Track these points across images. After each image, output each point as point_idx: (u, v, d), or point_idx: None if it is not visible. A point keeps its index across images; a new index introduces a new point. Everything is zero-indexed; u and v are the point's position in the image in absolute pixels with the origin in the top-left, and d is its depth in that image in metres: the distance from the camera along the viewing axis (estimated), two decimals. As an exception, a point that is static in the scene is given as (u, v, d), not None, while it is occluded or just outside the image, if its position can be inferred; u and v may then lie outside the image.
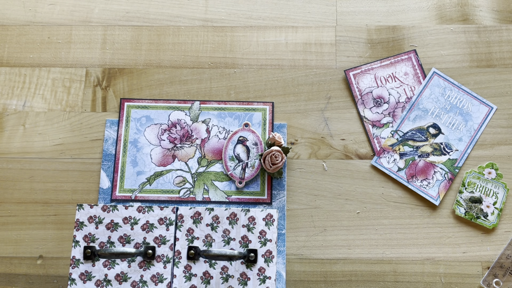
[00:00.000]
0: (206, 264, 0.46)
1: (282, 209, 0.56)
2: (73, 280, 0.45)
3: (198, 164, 0.57)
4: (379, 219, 0.56)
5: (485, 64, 0.61)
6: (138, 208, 0.46)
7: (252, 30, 0.63)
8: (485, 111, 0.60)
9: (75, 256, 0.46)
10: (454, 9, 0.64)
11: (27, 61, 0.63)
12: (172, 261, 0.46)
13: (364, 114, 0.60)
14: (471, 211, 0.56)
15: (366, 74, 0.61)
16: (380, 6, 0.64)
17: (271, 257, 0.45)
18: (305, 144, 0.59)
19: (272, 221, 0.46)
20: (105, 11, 0.64)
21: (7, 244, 0.56)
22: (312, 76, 0.61)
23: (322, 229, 0.56)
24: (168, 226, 0.46)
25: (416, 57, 0.62)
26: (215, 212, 0.46)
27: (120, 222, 0.46)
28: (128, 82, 0.61)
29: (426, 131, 0.59)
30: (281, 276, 0.53)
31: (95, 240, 0.46)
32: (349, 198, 0.57)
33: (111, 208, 0.46)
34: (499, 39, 0.62)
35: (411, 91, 0.60)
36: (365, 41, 0.63)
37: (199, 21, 0.64)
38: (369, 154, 0.59)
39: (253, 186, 0.57)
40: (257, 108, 0.60)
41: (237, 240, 0.46)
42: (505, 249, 0.55)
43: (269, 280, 0.45)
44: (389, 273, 0.55)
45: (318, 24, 0.63)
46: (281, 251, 0.54)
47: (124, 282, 0.45)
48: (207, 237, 0.46)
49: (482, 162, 0.58)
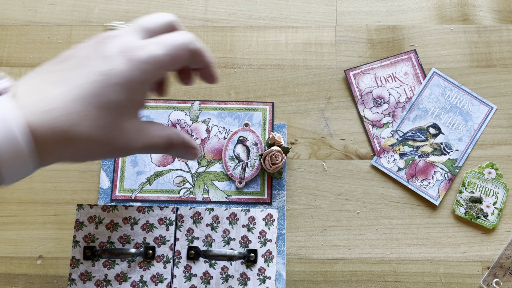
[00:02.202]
0: (206, 264, 0.46)
1: (282, 209, 0.56)
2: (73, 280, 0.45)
3: (198, 164, 0.57)
4: (379, 219, 0.56)
5: (485, 64, 0.61)
6: (138, 208, 0.46)
7: (252, 30, 0.63)
8: (485, 111, 0.60)
9: (75, 256, 0.46)
10: (454, 9, 0.64)
11: (27, 61, 0.63)
12: (172, 261, 0.46)
13: (364, 114, 0.60)
14: (471, 211, 0.56)
15: (366, 74, 0.61)
16: (380, 6, 0.64)
17: (271, 257, 0.45)
18: (305, 144, 0.59)
19: (272, 221, 0.46)
20: (105, 11, 0.64)
21: (7, 244, 0.56)
22: (312, 76, 0.61)
23: (322, 229, 0.56)
24: (168, 226, 0.46)
25: (416, 57, 0.62)
26: (215, 212, 0.46)
27: (120, 222, 0.46)
28: (128, 82, 0.61)
29: (426, 131, 0.59)
30: (281, 276, 0.53)
31: (95, 240, 0.46)
32: (349, 198, 0.57)
33: (111, 208, 0.46)
34: (499, 39, 0.62)
35: (411, 91, 0.60)
36: (365, 41, 0.63)
37: (199, 21, 0.64)
38: (369, 154, 0.59)
39: (253, 186, 0.56)
40: (257, 108, 0.60)
41: (237, 240, 0.46)
42: (505, 249, 0.55)
43: (269, 280, 0.45)
44: (389, 273, 0.55)
45: (318, 24, 0.63)
46: (281, 251, 0.54)
47: (124, 282, 0.45)
48: (207, 237, 0.46)
49: (482, 162, 0.58)
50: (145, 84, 0.35)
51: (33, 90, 0.32)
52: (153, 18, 0.38)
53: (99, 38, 0.35)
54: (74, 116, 0.32)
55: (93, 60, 0.33)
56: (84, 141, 0.32)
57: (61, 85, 0.32)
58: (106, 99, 0.33)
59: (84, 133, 0.32)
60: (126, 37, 0.35)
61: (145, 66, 0.34)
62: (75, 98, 0.32)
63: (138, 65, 0.34)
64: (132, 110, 0.36)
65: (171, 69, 0.37)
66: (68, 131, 0.31)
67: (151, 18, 0.37)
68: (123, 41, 0.35)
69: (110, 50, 0.34)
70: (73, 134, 0.32)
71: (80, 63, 0.33)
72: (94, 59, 0.34)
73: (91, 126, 0.32)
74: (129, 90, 0.34)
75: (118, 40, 0.35)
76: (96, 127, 0.33)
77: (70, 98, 0.32)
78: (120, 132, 0.35)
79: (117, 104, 0.34)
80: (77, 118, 0.32)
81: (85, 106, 0.32)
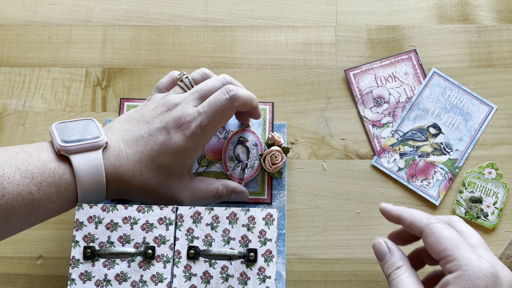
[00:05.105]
0: (206, 264, 0.46)
1: (282, 209, 0.56)
2: (73, 280, 0.45)
3: (198, 164, 0.57)
4: (380, 219, 0.56)
5: (485, 64, 0.61)
6: (137, 208, 0.46)
7: (252, 30, 0.63)
8: (485, 111, 0.60)
9: (75, 256, 0.45)
10: (454, 9, 0.64)
11: (27, 61, 0.63)
12: (172, 261, 0.46)
13: (364, 114, 0.60)
14: (471, 211, 0.56)
15: (366, 74, 0.61)
16: (380, 6, 0.64)
17: (271, 256, 0.45)
18: (305, 144, 0.59)
19: (272, 220, 0.46)
20: (105, 11, 0.64)
21: (7, 244, 0.56)
22: (312, 76, 0.61)
23: (322, 229, 0.56)
24: (168, 225, 0.46)
25: (416, 57, 0.62)
26: (215, 212, 0.46)
27: (119, 222, 0.46)
28: (128, 82, 0.61)
29: (426, 131, 0.59)
30: (281, 276, 0.53)
31: (94, 240, 0.46)
32: (349, 198, 0.57)
33: (111, 208, 0.46)
34: (499, 39, 0.62)
35: (411, 91, 0.60)
36: (365, 41, 0.63)
37: (199, 21, 0.64)
38: (369, 154, 0.59)
39: (253, 186, 0.56)
40: (257, 108, 0.59)
41: (237, 240, 0.46)
42: (505, 249, 0.55)
43: (269, 279, 0.45)
44: (389, 273, 0.55)
45: (318, 24, 0.63)
46: (281, 251, 0.54)
47: (124, 282, 0.45)
48: (207, 236, 0.46)
49: (482, 162, 0.58)
50: (196, 150, 0.47)
51: (114, 147, 0.45)
52: (207, 85, 0.49)
53: (168, 106, 0.47)
54: (133, 174, 0.45)
55: (156, 130, 0.45)
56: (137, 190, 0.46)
57: (132, 148, 0.45)
58: (158, 163, 0.45)
59: (137, 185, 0.45)
60: (186, 106, 0.46)
61: (195, 137, 0.45)
62: (138, 160, 0.45)
63: (190, 138, 0.45)
64: (181, 172, 0.47)
65: (220, 127, 0.49)
66: (128, 183, 0.45)
67: (206, 85, 0.49)
68: (183, 112, 0.46)
69: (170, 123, 0.45)
70: (130, 185, 0.45)
71: (149, 130, 0.46)
72: (158, 130, 0.45)
73: (143, 182, 0.45)
74: (178, 157, 0.45)
75: (179, 111, 0.46)
76: (147, 183, 0.45)
77: (134, 160, 0.45)
78: (167, 189, 0.46)
79: (166, 167, 0.45)
80: (135, 176, 0.45)
81: (143, 168, 0.45)
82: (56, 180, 0.42)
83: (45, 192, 0.41)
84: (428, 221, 0.42)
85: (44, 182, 0.41)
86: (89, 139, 0.44)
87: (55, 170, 0.42)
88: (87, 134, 0.44)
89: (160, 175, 0.45)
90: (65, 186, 0.42)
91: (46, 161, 0.42)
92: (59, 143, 0.43)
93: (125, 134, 0.46)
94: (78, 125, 0.46)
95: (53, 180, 0.41)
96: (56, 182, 0.42)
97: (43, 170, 0.41)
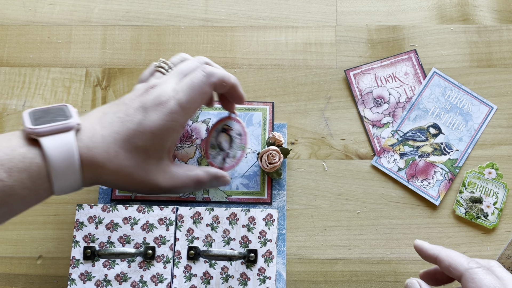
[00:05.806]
0: (206, 264, 0.46)
1: (282, 209, 0.56)
2: (73, 280, 0.45)
3: (198, 164, 0.57)
4: (379, 219, 0.56)
5: (485, 64, 0.61)
6: (138, 208, 0.46)
7: (252, 30, 0.63)
8: (485, 111, 0.60)
9: (75, 256, 0.46)
10: (454, 9, 0.64)
11: (27, 61, 0.63)
12: (172, 261, 0.46)
13: (364, 114, 0.60)
14: (472, 211, 0.56)
15: (366, 74, 0.61)
16: (380, 6, 0.64)
17: (271, 257, 0.45)
18: (305, 144, 0.59)
19: (272, 221, 0.46)
20: (105, 11, 0.64)
21: (7, 244, 0.56)
22: (312, 76, 0.61)
23: (322, 229, 0.56)
24: (168, 226, 0.46)
25: (416, 57, 0.62)
26: (215, 212, 0.46)
27: (120, 222, 0.46)
28: (128, 82, 0.61)
29: (426, 131, 0.59)
30: (281, 276, 0.53)
31: (95, 240, 0.46)
32: (349, 198, 0.57)
33: (111, 208, 0.46)
34: (499, 39, 0.62)
35: (411, 91, 0.60)
36: (365, 41, 0.63)
37: (199, 21, 0.64)
38: (369, 154, 0.59)
39: (253, 186, 0.56)
40: (257, 108, 0.60)
41: (237, 240, 0.46)
42: (505, 249, 0.55)
43: (269, 280, 0.45)
44: (389, 273, 0.55)
45: (318, 24, 0.63)
46: (281, 251, 0.54)
47: (124, 282, 0.45)
48: (207, 237, 0.46)
49: (482, 162, 0.58)
50: (175, 129, 0.44)
51: (89, 129, 0.42)
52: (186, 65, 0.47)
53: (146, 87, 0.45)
54: (108, 155, 0.42)
55: (134, 110, 0.43)
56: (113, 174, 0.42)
57: (107, 128, 0.42)
58: (135, 144, 0.42)
59: (113, 168, 0.42)
60: (165, 86, 0.44)
61: (173, 115, 0.43)
62: (113, 141, 0.42)
63: (168, 116, 0.43)
64: (160, 154, 0.44)
65: (200, 106, 0.46)
66: (102, 165, 0.42)
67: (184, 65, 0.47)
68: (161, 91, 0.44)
69: (148, 103, 0.43)
70: (105, 168, 0.42)
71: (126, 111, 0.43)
72: (136, 109, 0.43)
73: (119, 164, 0.42)
74: (157, 137, 0.43)
75: (157, 90, 0.44)
76: (122, 165, 0.42)
77: (109, 140, 0.42)
78: (144, 173, 0.43)
79: (143, 149, 0.43)
80: (110, 157, 0.42)
81: (118, 148, 0.42)
82: (26, 164, 0.40)
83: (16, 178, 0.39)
84: (469, 265, 0.42)
85: (15, 168, 0.39)
86: (60, 121, 0.41)
87: (25, 154, 0.40)
88: (59, 117, 0.42)
89: (137, 157, 0.43)
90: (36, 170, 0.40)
91: (15, 147, 0.40)
92: (29, 126, 0.41)
93: (102, 116, 0.44)
94: (51, 110, 0.43)
95: (24, 165, 0.39)
96: (27, 167, 0.40)
97: (12, 156, 0.39)
